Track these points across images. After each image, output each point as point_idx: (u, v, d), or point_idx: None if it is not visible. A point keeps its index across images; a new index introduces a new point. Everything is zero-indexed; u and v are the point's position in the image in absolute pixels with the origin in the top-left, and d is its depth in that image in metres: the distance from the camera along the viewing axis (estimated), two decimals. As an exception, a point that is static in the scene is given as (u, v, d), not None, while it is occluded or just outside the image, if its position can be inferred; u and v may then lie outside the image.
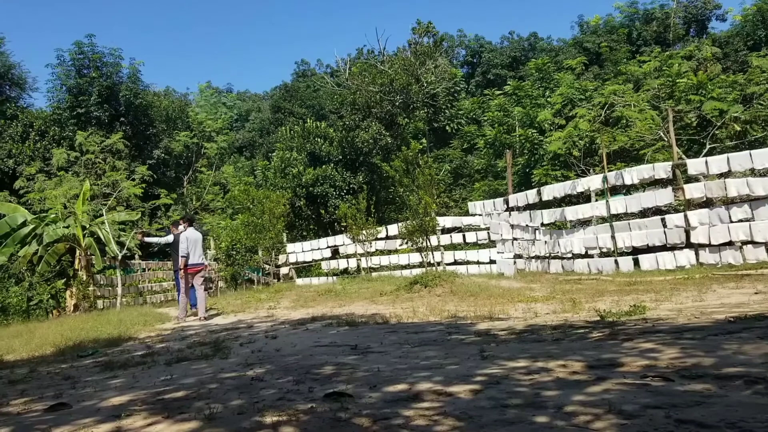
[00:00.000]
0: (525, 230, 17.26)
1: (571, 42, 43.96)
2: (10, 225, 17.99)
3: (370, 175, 27.83)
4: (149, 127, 34.50)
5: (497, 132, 30.95)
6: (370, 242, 20.19)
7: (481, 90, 46.29)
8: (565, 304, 8.91)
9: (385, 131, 28.26)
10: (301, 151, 28.18)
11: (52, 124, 32.55)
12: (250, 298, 15.27)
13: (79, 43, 33.07)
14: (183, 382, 5.28)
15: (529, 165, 27.83)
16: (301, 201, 26.32)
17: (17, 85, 39.87)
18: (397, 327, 8.11)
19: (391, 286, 13.77)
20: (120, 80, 33.80)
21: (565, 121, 27.79)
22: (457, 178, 35.25)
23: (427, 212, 15.77)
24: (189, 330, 10.23)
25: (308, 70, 59.50)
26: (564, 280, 13.24)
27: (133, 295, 19.38)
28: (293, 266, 23.50)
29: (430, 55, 32.69)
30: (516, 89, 33.41)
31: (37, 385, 6.08)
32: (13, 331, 12.87)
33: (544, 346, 5.53)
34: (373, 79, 29.83)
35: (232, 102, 61.32)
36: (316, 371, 5.19)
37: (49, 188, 22.55)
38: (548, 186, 17.77)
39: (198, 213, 37.80)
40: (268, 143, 42.02)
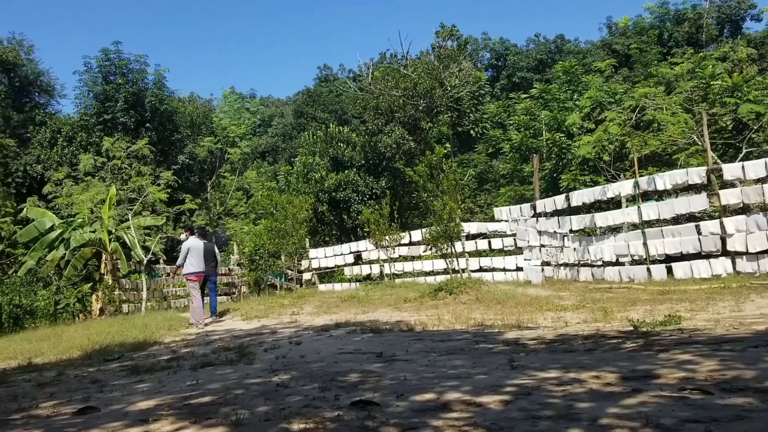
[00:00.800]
0: (553, 237, 17.08)
1: (599, 44, 43.51)
2: (38, 229, 18.36)
3: (393, 180, 27.81)
4: (174, 133, 34.99)
5: (523, 136, 30.72)
6: (394, 248, 20.13)
7: (506, 93, 46.03)
8: (596, 314, 8.79)
9: (408, 136, 28.23)
10: (323, 156, 28.29)
11: (79, 130, 33.19)
12: (273, 303, 15.34)
13: (105, 50, 33.71)
14: (209, 387, 5.32)
15: (557, 170, 27.55)
16: (323, 206, 26.40)
17: (46, 91, 40.80)
18: (423, 335, 8.07)
19: (415, 292, 13.72)
20: (145, 86, 34.36)
21: (594, 124, 27.47)
22: (481, 183, 35.05)
23: (451, 218, 15.67)
24: (213, 335, 10.32)
25: (331, 75, 59.85)
26: (594, 288, 13.07)
27: (157, 300, 19.61)
28: (316, 272, 23.57)
29: (454, 58, 32.62)
30: (542, 92, 33.13)
31: (66, 388, 6.17)
32: (40, 334, 13.13)
33: (575, 357, 5.46)
34: (396, 83, 29.83)
35: (255, 107, 61.90)
36: (342, 378, 5.18)
37: (77, 193, 22.99)
38: (577, 191, 17.56)
39: (221, 218, 38.20)
40: (291, 148, 42.29)
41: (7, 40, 39.20)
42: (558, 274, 16.61)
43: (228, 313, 14.92)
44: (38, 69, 40.35)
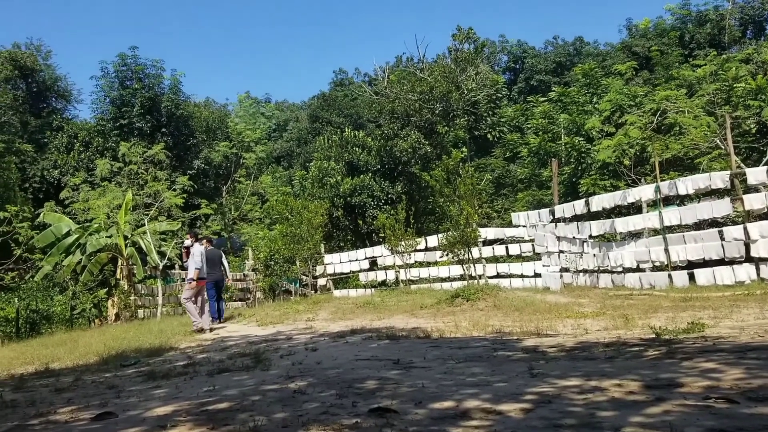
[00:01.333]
0: (572, 242, 16.97)
1: (619, 46, 43.24)
2: (55, 234, 18.60)
3: (408, 184, 27.81)
4: (190, 138, 35.33)
5: (542, 140, 30.58)
6: (409, 254, 20.13)
7: (524, 97, 45.90)
8: (617, 321, 8.72)
9: (424, 140, 28.23)
10: (338, 161, 28.36)
11: (96, 135, 33.64)
12: (288, 309, 15.38)
13: (122, 55, 34.18)
14: (226, 393, 5.35)
15: (576, 174, 27.38)
16: (338, 211, 26.46)
17: (63, 97, 41.47)
18: (440, 342, 8.06)
19: (431, 299, 13.69)
20: (162, 91, 34.77)
21: (614, 128, 27.26)
22: (499, 188, 34.94)
23: (468, 223, 15.62)
24: (229, 341, 10.37)
25: (346, 79, 60.10)
26: (614, 295, 12.96)
27: (173, 305, 19.75)
28: (331, 277, 23.62)
29: (471, 61, 32.62)
30: (561, 96, 32.99)
31: (83, 393, 6.24)
32: (57, 339, 13.29)
33: (596, 365, 5.42)
34: (412, 86, 29.86)
35: (270, 112, 62.30)
36: (359, 385, 5.18)
37: (93, 198, 23.26)
38: (597, 196, 17.44)
39: (236, 223, 38.43)
40: (306, 153, 42.46)
41: (26, 45, 39.98)
42: (577, 280, 16.49)
43: (233, 318, 15.05)
44: (56, 74, 41.07)
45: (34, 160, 32.84)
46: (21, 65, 37.52)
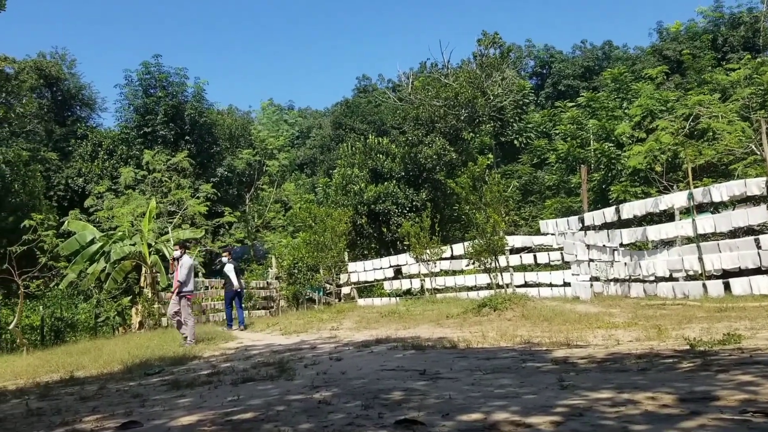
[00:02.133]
0: (602, 251, 16.79)
1: (649, 50, 42.82)
2: (79, 242, 18.92)
3: (433, 192, 27.78)
4: (213, 145, 35.75)
5: (570, 146, 30.36)
6: (435, 262, 20.09)
7: (551, 102, 45.66)
8: (650, 331, 8.60)
9: (449, 146, 28.20)
10: (362, 168, 28.46)
11: (120, 143, 34.22)
12: (312, 318, 15.45)
13: (146, 63, 34.78)
14: (250, 403, 5.39)
15: (606, 181, 27.13)
16: (362, 219, 26.52)
17: (87, 105, 42.28)
18: (467, 352, 8.02)
19: (457, 308, 13.65)
20: (185, 99, 35.27)
21: (645, 134, 26.97)
22: (526, 195, 34.74)
23: (495, 231, 15.56)
24: (252, 350, 10.45)
25: (369, 86, 60.36)
26: (646, 305, 12.78)
27: (196, 313, 19.93)
28: (355, 286, 23.66)
29: (497, 66, 32.52)
30: (590, 101, 32.74)
31: (108, 402, 6.33)
32: (81, 347, 13.50)
33: (629, 377, 5.35)
34: (437, 92, 29.87)
35: (293, 119, 62.81)
36: (385, 396, 5.18)
37: (117, 206, 23.64)
38: (627, 203, 17.25)
39: (259, 231, 38.73)
40: (329, 160, 42.72)
41: (50, 54, 40.83)
42: (608, 289, 16.30)
43: (252, 325, 15.17)
44: (80, 83, 41.90)
45: (59, 168, 33.50)
46: (46, 74, 38.34)
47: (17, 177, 19.83)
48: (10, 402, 7.12)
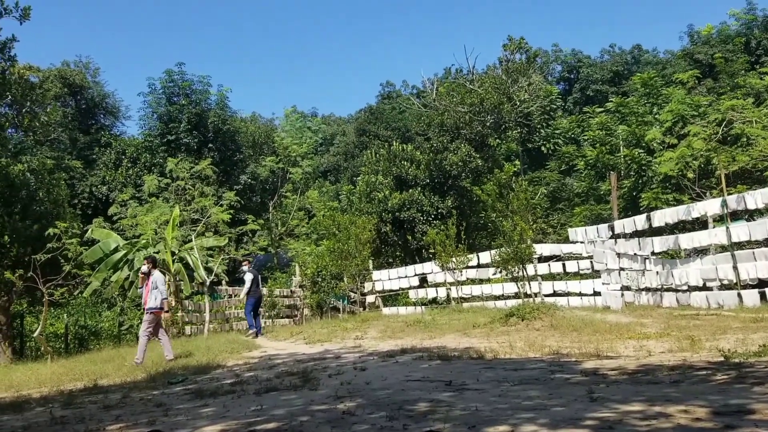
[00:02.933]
0: (633, 259, 16.59)
1: (680, 54, 42.35)
2: (103, 250, 19.24)
3: (459, 199, 27.72)
4: (236, 153, 36.12)
5: (599, 152, 30.12)
6: (461, 270, 20.03)
7: (579, 108, 45.36)
8: (682, 342, 8.47)
9: (475, 153, 28.13)
10: (386, 175, 28.51)
11: (143, 151, 34.74)
12: (336, 327, 15.50)
13: (169, 71, 35.29)
14: (274, 413, 5.43)
15: (636, 188, 26.86)
16: (387, 226, 26.54)
17: (111, 113, 43.08)
18: (494, 363, 7.98)
19: (484, 318, 13.59)
20: (208, 107, 35.71)
21: (676, 139, 26.66)
22: (554, 202, 34.50)
23: (522, 239, 15.48)
24: (276, 359, 10.51)
25: (393, 92, 60.50)
26: (679, 315, 12.59)
27: (219, 321, 20.14)
28: (379, 295, 23.68)
29: (523, 72, 32.38)
30: (619, 106, 32.47)
31: (131, 411, 6.42)
32: (105, 355, 13.69)
33: (661, 389, 5.29)
34: (462, 98, 29.85)
35: (317, 126, 63.18)
36: (410, 407, 5.18)
37: (141, 214, 23.98)
38: (659, 211, 17.03)
39: (282, 239, 38.97)
40: (353, 167, 42.89)
41: (74, 63, 41.70)
42: (639, 299, 16.09)
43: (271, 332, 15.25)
44: (104, 91, 42.72)
45: (83, 176, 34.11)
46: (70, 83, 39.14)
47: (42, 185, 20.20)
48: (35, 410, 7.26)
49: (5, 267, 17.31)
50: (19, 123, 18.19)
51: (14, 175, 19.19)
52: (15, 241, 17.70)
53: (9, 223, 18.00)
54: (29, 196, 19.31)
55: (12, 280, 16.63)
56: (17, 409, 7.31)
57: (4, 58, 17.12)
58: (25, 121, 18.07)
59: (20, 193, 19.04)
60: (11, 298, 17.89)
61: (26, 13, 16.77)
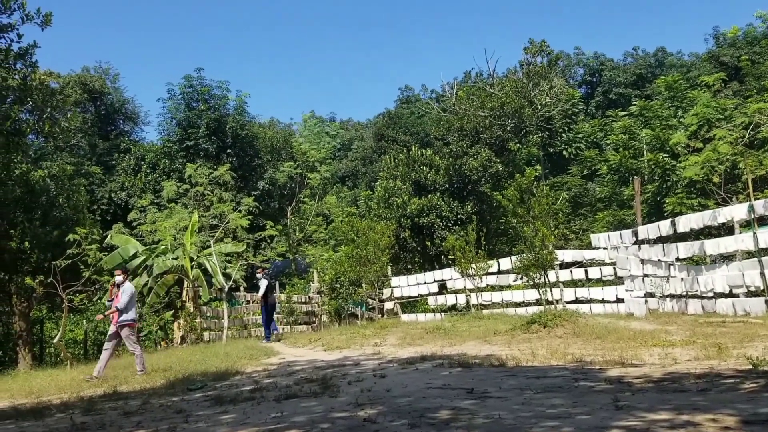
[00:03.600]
0: (657, 266, 16.41)
1: (705, 56, 41.94)
2: (122, 256, 19.42)
3: (479, 204, 27.65)
4: (254, 159, 36.33)
5: (622, 156, 29.89)
6: (481, 277, 19.94)
7: (602, 111, 45.10)
8: (709, 350, 8.37)
9: (495, 158, 28.07)
10: (405, 180, 28.52)
11: (162, 157, 35.07)
12: (355, 333, 15.52)
13: (188, 77, 35.61)
14: (294, 420, 5.45)
15: (660, 193, 26.61)
16: (406, 232, 26.53)
17: (130, 119, 43.58)
18: (516, 370, 7.94)
19: (505, 325, 13.53)
20: (227, 112, 35.96)
21: (701, 143, 26.39)
22: (576, 208, 34.25)
23: (544, 245, 15.40)
24: (295, 365, 10.55)
25: (412, 96, 60.61)
26: (705, 322, 12.44)
27: (237, 328, 20.25)
28: (398, 301, 23.65)
29: (545, 75, 32.25)
30: (643, 109, 32.23)
31: (151, 417, 6.48)
32: (124, 362, 13.82)
33: (688, 397, 5.23)
34: (482, 102, 29.80)
35: (335, 131, 63.43)
36: (431, 415, 5.18)
37: (160, 220, 24.19)
38: (684, 216, 16.85)
39: (300, 244, 39.11)
40: (371, 172, 42.97)
41: (94, 69, 42.27)
42: (663, 306, 15.92)
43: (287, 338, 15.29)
44: (123, 97, 43.22)
45: (103, 182, 34.51)
46: (90, 88, 39.66)
47: (62, 191, 20.49)
48: (55, 416, 7.35)
49: (25, 273, 17.55)
50: (40, 129, 18.44)
51: (35, 181, 19.48)
52: (35, 247, 17.95)
53: (29, 229, 18.26)
54: (49, 202, 19.59)
55: (32, 286, 16.86)
56: (38, 416, 7.41)
57: (25, 65, 17.38)
58: (46, 127, 18.32)
59: (40, 199, 19.32)
60: (31, 304, 18.14)
61: (47, 20, 17.03)
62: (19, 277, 17.46)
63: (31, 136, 19.52)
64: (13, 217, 18.51)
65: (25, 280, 17.04)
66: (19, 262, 17.97)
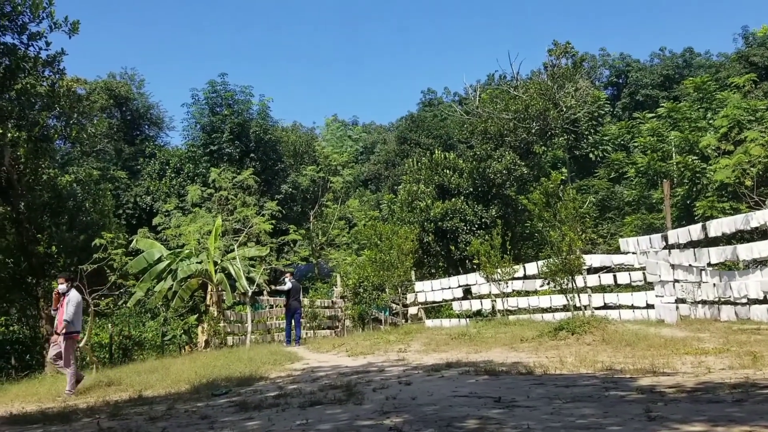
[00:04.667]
0: (688, 271, 16.12)
1: (734, 56, 41.35)
2: (147, 260, 19.62)
3: (504, 208, 27.47)
4: (277, 163, 36.58)
5: (650, 159, 29.48)
6: (506, 282, 19.76)
7: (629, 113, 44.63)
8: (744, 359, 8.18)
9: (520, 161, 27.88)
10: (428, 184, 28.44)
11: (186, 162, 35.48)
12: (379, 339, 15.45)
13: (212, 82, 36.01)
14: (319, 427, 5.43)
15: (690, 196, 26.18)
16: (429, 236, 26.44)
17: (155, 124, 44.22)
18: (544, 378, 7.84)
19: (532, 331, 13.38)
20: (250, 117, 36.29)
21: (732, 146, 25.92)
22: (603, 211, 33.87)
23: (571, 249, 15.20)
24: (319, 371, 10.53)
25: (435, 99, 60.56)
26: (738, 329, 12.19)
27: (261, 332, 20.32)
28: (422, 306, 23.55)
29: (570, 77, 31.99)
30: (671, 111, 31.76)
31: (176, 423, 6.51)
32: (149, 366, 13.93)
33: (723, 408, 5.11)
34: (506, 105, 29.63)
35: (357, 135, 63.57)
36: (459, 424, 5.12)
37: (185, 224, 24.42)
38: (715, 220, 16.53)
39: (323, 248, 39.21)
40: (394, 176, 42.93)
41: (120, 75, 42.97)
42: (695, 312, 15.63)
43: (309, 343, 15.25)
44: (148, 102, 43.88)
45: (128, 186, 35.01)
46: (116, 94, 40.32)
47: (88, 196, 20.82)
48: (82, 420, 7.42)
49: (52, 277, 17.82)
50: (67, 134, 18.79)
51: (62, 185, 19.79)
52: (62, 252, 18.23)
53: (56, 234, 18.55)
54: (76, 207, 19.89)
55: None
56: (65, 420, 7.50)
57: (53, 72, 17.72)
58: (73, 132, 18.64)
59: (67, 204, 19.63)
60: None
61: (75, 27, 17.35)
62: (46, 281, 17.73)
63: (58, 141, 19.88)
64: (40, 222, 18.83)
65: (52, 284, 17.30)
66: (46, 266, 18.26)
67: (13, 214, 18.22)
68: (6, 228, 18.74)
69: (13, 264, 18.61)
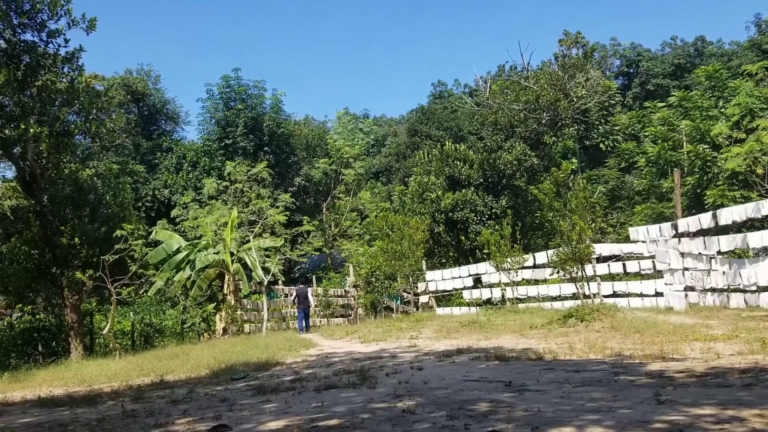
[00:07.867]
0: (698, 259, 16.02)
1: (746, 44, 40.84)
2: (166, 251, 19.85)
3: (514, 198, 27.38)
4: (290, 156, 36.70)
5: (661, 148, 29.20)
6: (516, 271, 19.75)
7: (639, 102, 44.24)
8: (753, 345, 8.15)
9: (530, 151, 27.75)
10: (439, 175, 28.40)
11: (202, 155, 35.72)
12: (391, 326, 15.54)
13: (226, 77, 36.13)
14: (335, 410, 5.49)
15: (701, 185, 25.92)
16: (440, 227, 26.44)
17: (171, 119, 44.46)
18: (554, 364, 7.86)
19: (541, 319, 13.39)
20: (264, 111, 36.41)
21: (744, 134, 25.61)
22: (613, 201, 33.64)
23: (581, 239, 15.16)
24: (333, 357, 10.62)
25: (445, 91, 60.31)
26: (748, 316, 12.12)
27: (276, 320, 20.50)
28: (433, 295, 23.61)
29: (580, 67, 31.70)
30: (682, 100, 31.39)
31: (197, 405, 6.61)
32: (169, 352, 14.12)
33: (732, 392, 5.11)
34: (517, 96, 29.45)
35: (368, 127, 63.50)
36: (470, 407, 5.16)
37: (202, 216, 24.61)
38: (726, 209, 16.39)
39: (336, 239, 39.33)
40: (405, 168, 42.89)
41: (137, 71, 43.18)
42: (704, 300, 15.54)
43: (320, 329, 15.34)
44: (164, 98, 44.11)
45: (146, 180, 35.28)
46: (133, 90, 40.56)
47: (109, 189, 21.03)
48: (107, 403, 7.55)
49: (76, 267, 18.07)
50: (87, 130, 18.94)
51: (83, 179, 19.99)
52: (84, 243, 18.46)
53: (79, 226, 18.77)
54: (97, 200, 20.10)
55: (82, 280, 17.38)
56: (90, 403, 7.63)
57: (72, 68, 17.84)
58: (93, 127, 18.79)
59: (89, 197, 19.84)
60: (81, 297, 18.67)
61: (92, 24, 17.45)
62: (69, 271, 17.99)
63: (78, 136, 20.03)
64: (63, 215, 19.06)
65: (76, 275, 17.55)
66: (69, 257, 18.52)
67: (37, 207, 18.46)
68: (30, 220, 18.99)
69: (38, 255, 18.89)
